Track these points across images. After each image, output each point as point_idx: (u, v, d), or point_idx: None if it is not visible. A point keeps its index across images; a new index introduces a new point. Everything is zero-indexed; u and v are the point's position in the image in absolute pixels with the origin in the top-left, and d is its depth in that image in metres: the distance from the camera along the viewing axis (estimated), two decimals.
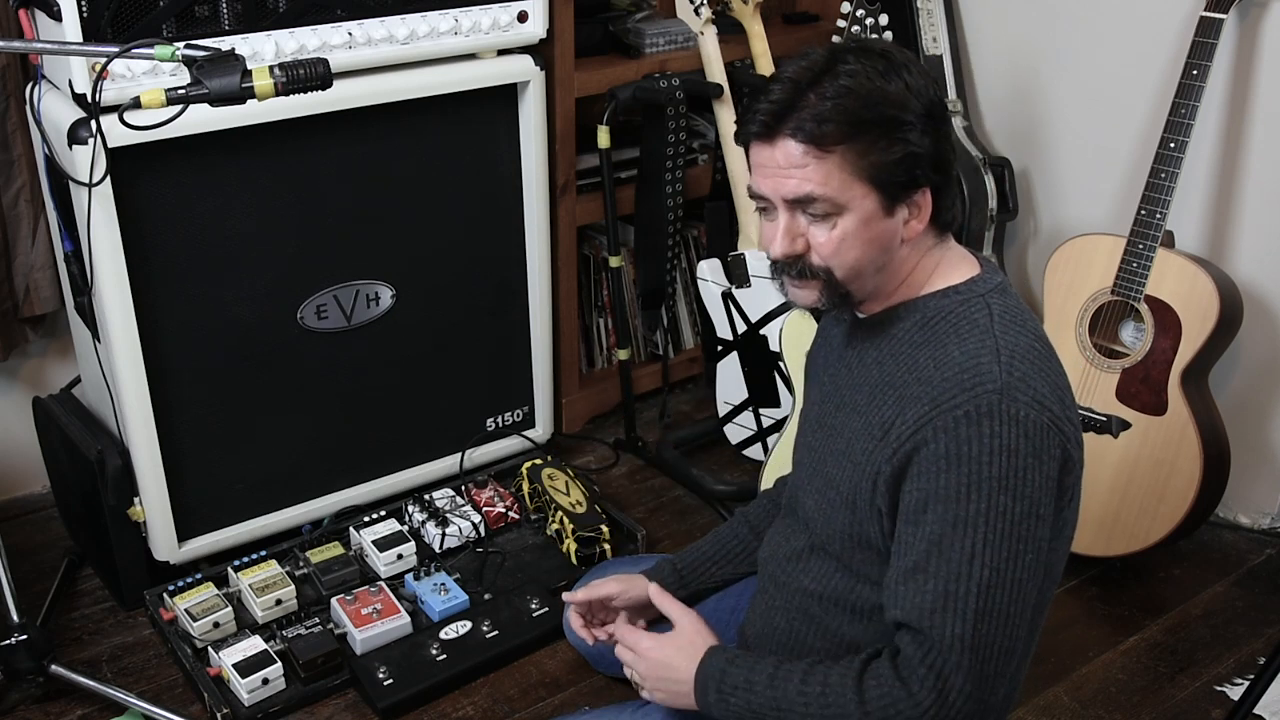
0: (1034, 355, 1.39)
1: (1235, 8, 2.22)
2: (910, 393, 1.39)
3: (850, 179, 1.35)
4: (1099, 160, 2.65)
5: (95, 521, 2.22)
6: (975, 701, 1.32)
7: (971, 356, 1.37)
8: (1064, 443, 1.35)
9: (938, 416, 1.34)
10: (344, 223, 2.23)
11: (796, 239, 1.39)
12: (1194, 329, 2.24)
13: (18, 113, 2.24)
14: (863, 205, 1.37)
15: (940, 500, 1.33)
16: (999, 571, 1.31)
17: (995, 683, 1.33)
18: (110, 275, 1.98)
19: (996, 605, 1.32)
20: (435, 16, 2.17)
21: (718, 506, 2.60)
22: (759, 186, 1.40)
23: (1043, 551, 1.34)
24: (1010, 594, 1.32)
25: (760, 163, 1.39)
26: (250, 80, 1.51)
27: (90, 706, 2.02)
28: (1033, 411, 1.32)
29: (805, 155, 1.34)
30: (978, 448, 1.31)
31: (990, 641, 1.32)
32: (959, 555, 1.31)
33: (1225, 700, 2.09)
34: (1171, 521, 2.28)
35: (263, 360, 2.22)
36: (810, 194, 1.35)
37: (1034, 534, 1.33)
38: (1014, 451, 1.31)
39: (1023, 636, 1.35)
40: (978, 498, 1.31)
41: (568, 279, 2.69)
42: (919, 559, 1.34)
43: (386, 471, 2.46)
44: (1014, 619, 1.33)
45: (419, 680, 2.03)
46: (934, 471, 1.33)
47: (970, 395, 1.33)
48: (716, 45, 2.60)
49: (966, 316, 1.41)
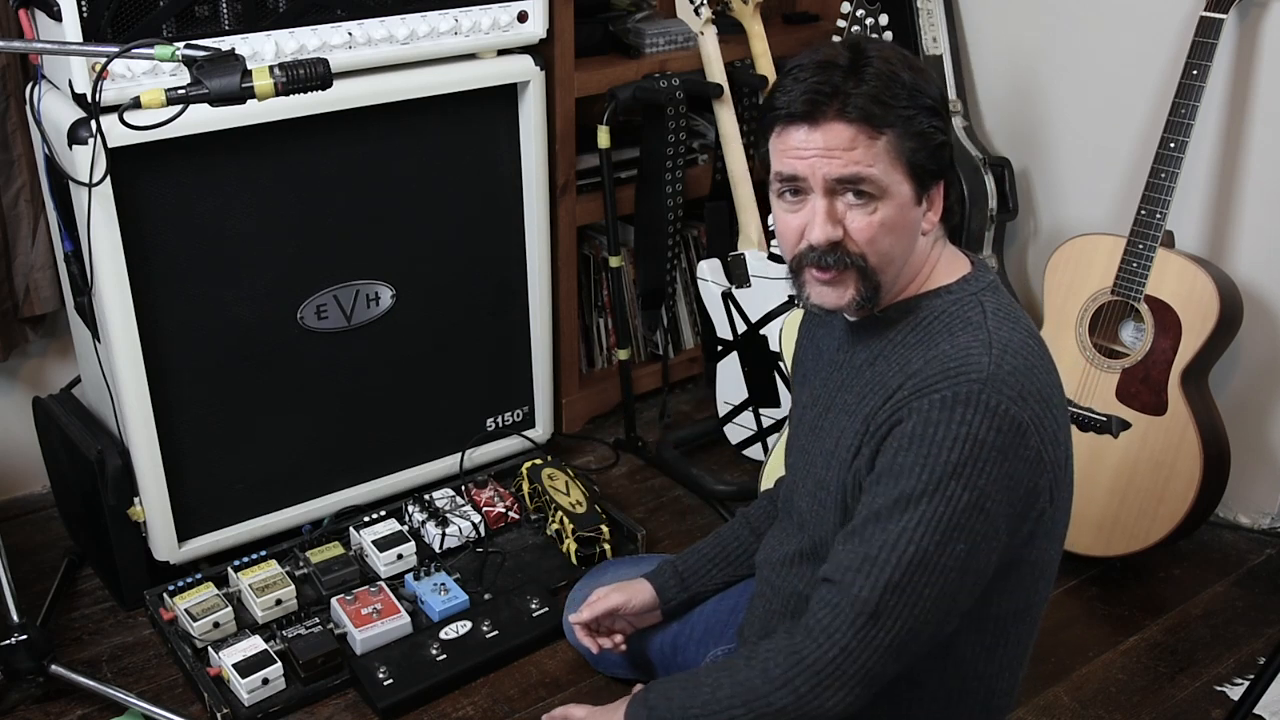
0: (1026, 351, 1.38)
1: (1235, 8, 2.22)
2: (897, 385, 1.39)
3: (892, 164, 1.36)
4: (1099, 160, 2.65)
5: (95, 521, 2.22)
6: (856, 662, 1.34)
7: (962, 348, 1.37)
8: (1039, 444, 1.35)
9: (915, 399, 1.35)
10: (344, 223, 2.23)
11: (838, 224, 1.38)
12: (1194, 329, 2.24)
13: (18, 113, 2.24)
14: (900, 191, 1.37)
15: (893, 475, 1.35)
16: (925, 553, 1.32)
17: (885, 657, 1.35)
18: (110, 275, 1.98)
19: (911, 584, 1.33)
20: (435, 16, 2.17)
21: (718, 506, 2.60)
22: (795, 169, 1.37)
23: (978, 547, 1.34)
24: (928, 577, 1.33)
25: (796, 145, 1.37)
26: (250, 80, 1.51)
27: (90, 706, 2.02)
28: (1014, 407, 1.32)
29: (855, 137, 1.34)
30: (943, 432, 1.32)
31: (893, 614, 1.33)
32: (893, 527, 1.33)
33: (1225, 700, 2.09)
34: (1171, 521, 2.28)
35: (263, 360, 2.22)
36: (859, 174, 1.34)
37: (973, 526, 1.32)
38: (979, 443, 1.31)
39: (926, 624, 1.35)
40: (928, 479, 1.32)
41: (568, 279, 2.69)
42: (858, 524, 1.37)
43: (386, 471, 2.46)
44: (924, 602, 1.34)
45: (419, 680, 2.03)
46: (896, 448, 1.35)
47: (952, 381, 1.34)
48: (716, 45, 2.60)
49: (960, 315, 1.42)
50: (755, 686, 1.40)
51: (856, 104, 1.33)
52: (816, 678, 1.36)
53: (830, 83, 1.34)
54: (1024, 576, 1.45)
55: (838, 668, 1.35)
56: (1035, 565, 1.46)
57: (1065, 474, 1.44)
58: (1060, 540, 1.50)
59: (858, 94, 1.33)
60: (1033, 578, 1.47)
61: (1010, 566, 1.42)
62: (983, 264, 1.50)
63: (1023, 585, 1.46)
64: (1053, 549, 1.48)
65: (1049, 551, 1.47)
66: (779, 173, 1.41)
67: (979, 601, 1.42)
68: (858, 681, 1.35)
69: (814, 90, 1.34)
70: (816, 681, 1.36)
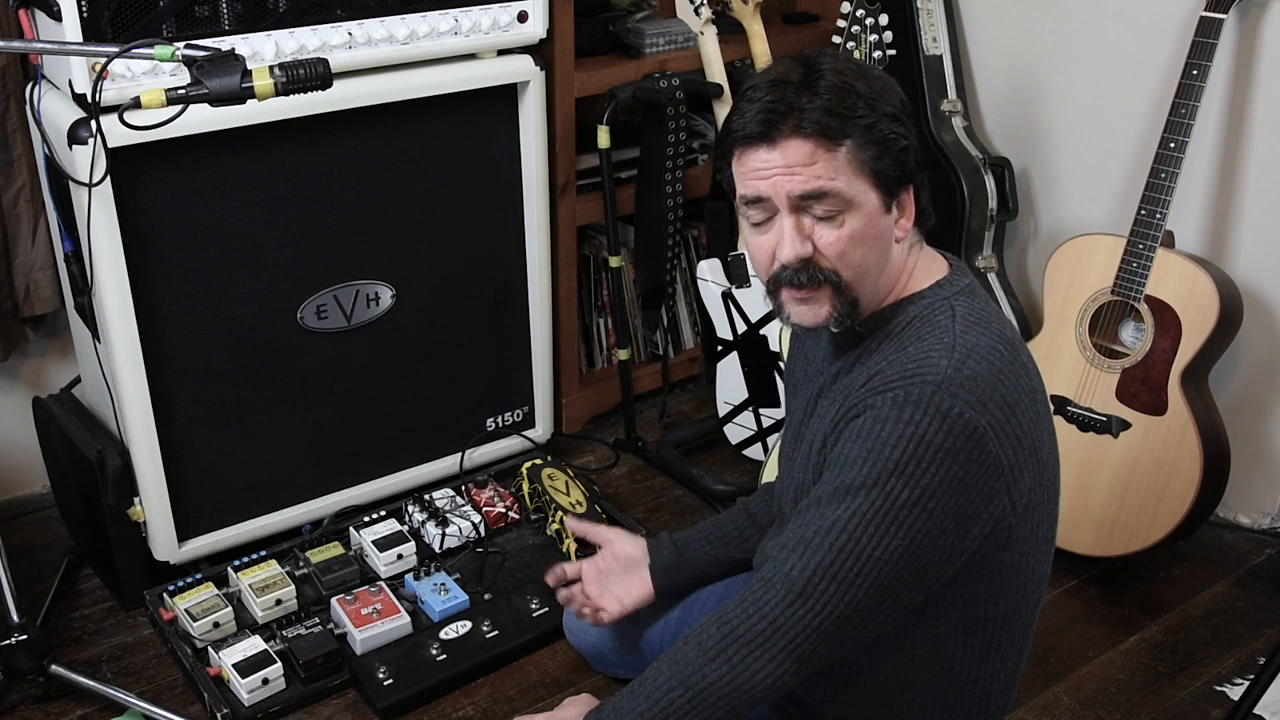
0: (994, 356, 1.38)
1: (1235, 8, 2.22)
2: (860, 385, 1.40)
3: (855, 174, 1.35)
4: (1099, 160, 2.65)
5: (95, 521, 2.22)
6: (784, 637, 1.35)
7: (924, 352, 1.38)
8: (997, 450, 1.34)
9: (871, 396, 1.37)
10: (344, 223, 2.23)
11: (806, 240, 1.38)
12: (1194, 329, 2.24)
13: (18, 113, 2.24)
14: (867, 201, 1.37)
15: (837, 466, 1.37)
16: (857, 542, 1.33)
17: (816, 639, 1.35)
18: (110, 275, 1.98)
19: (840, 570, 1.34)
20: (435, 16, 2.17)
21: (718, 506, 2.60)
22: (758, 190, 1.38)
23: (920, 546, 1.34)
24: (860, 567, 1.33)
25: (756, 166, 1.37)
26: (250, 80, 1.51)
27: (90, 706, 2.02)
28: (969, 411, 1.32)
29: (814, 152, 1.34)
30: (890, 429, 1.33)
31: (821, 597, 1.34)
32: (830, 515, 1.35)
33: (1225, 700, 2.09)
34: (1171, 521, 2.28)
35: (263, 360, 2.22)
36: (821, 189, 1.34)
37: (914, 525, 1.33)
38: (926, 444, 1.31)
39: (858, 611, 1.35)
40: (869, 473, 1.33)
41: (568, 279, 2.69)
42: (803, 507, 1.40)
43: (386, 471, 2.47)
44: (856, 590, 1.34)
45: (419, 680, 2.04)
46: (846, 439, 1.37)
47: (907, 382, 1.34)
48: (716, 45, 2.60)
49: (930, 320, 1.42)
50: (690, 661, 1.40)
51: (811, 118, 1.33)
52: (747, 648, 1.37)
53: (784, 100, 1.34)
54: (1007, 580, 1.45)
55: (767, 640, 1.36)
56: (1018, 569, 1.45)
57: (1040, 479, 1.43)
58: (1045, 543, 1.49)
59: (812, 108, 1.33)
60: (1018, 581, 1.46)
61: (984, 570, 1.42)
62: (961, 267, 1.50)
63: (1007, 589, 1.46)
64: (1037, 552, 1.47)
65: (1033, 555, 1.46)
66: (743, 195, 1.41)
67: (963, 604, 1.43)
68: (786, 655, 1.36)
69: (768, 109, 1.34)
70: (747, 651, 1.37)
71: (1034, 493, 1.42)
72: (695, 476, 2.66)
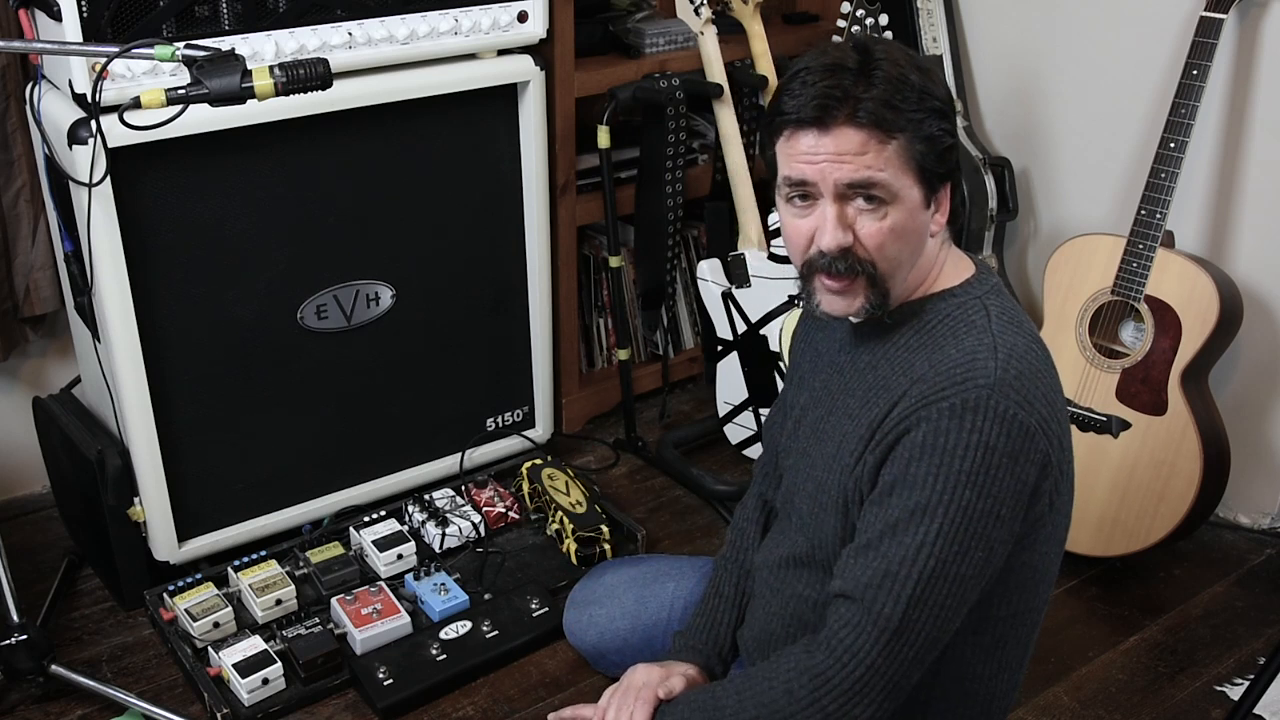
0: (1031, 357, 1.38)
1: (1235, 8, 2.22)
2: (903, 392, 1.39)
3: (902, 168, 1.35)
4: (1099, 160, 2.65)
5: (95, 521, 2.22)
6: (883, 678, 1.34)
7: (968, 353, 1.37)
8: (1047, 447, 1.35)
9: (923, 408, 1.35)
10: (344, 223, 2.23)
11: (848, 230, 1.37)
12: (1194, 329, 2.24)
13: (18, 113, 2.24)
14: (910, 195, 1.36)
15: (906, 486, 1.34)
16: (944, 564, 1.32)
17: (910, 669, 1.35)
18: (110, 275, 1.98)
19: (933, 596, 1.33)
20: (435, 16, 2.17)
21: (718, 506, 2.60)
22: (804, 174, 1.36)
23: (995, 552, 1.34)
24: (950, 588, 1.33)
25: (805, 150, 1.35)
26: (250, 80, 1.51)
27: (90, 706, 2.02)
28: (1021, 412, 1.32)
29: (866, 142, 1.32)
30: (955, 439, 1.32)
31: (917, 629, 1.33)
32: (910, 541, 1.33)
33: (1225, 700, 2.09)
34: (1171, 521, 2.28)
35: (263, 360, 2.22)
36: (869, 179, 1.33)
37: (990, 533, 1.33)
38: (991, 449, 1.31)
39: (948, 630, 1.36)
40: (942, 489, 1.32)
41: (568, 279, 2.69)
42: (873, 537, 1.36)
43: (386, 471, 2.46)
44: (946, 612, 1.34)
45: (419, 680, 2.04)
46: (907, 458, 1.35)
47: (960, 389, 1.33)
48: (716, 45, 2.60)
49: (964, 319, 1.41)
50: (781, 707, 1.39)
51: (868, 108, 1.31)
52: (844, 696, 1.35)
53: (840, 86, 1.32)
54: (1024, 580, 1.45)
55: (865, 685, 1.34)
56: (1035, 569, 1.45)
57: (1066, 478, 1.44)
58: (1060, 544, 1.49)
59: (868, 98, 1.32)
60: (1032, 581, 1.47)
61: (1008, 570, 1.41)
62: (985, 267, 1.50)
63: (1022, 588, 1.46)
64: (1053, 552, 1.47)
65: (1049, 555, 1.47)
66: (787, 177, 1.39)
67: (978, 604, 1.43)
68: (885, 696, 1.35)
69: (824, 95, 1.32)
70: (845, 700, 1.35)
71: (1064, 492, 1.43)
72: (695, 476, 2.66)
